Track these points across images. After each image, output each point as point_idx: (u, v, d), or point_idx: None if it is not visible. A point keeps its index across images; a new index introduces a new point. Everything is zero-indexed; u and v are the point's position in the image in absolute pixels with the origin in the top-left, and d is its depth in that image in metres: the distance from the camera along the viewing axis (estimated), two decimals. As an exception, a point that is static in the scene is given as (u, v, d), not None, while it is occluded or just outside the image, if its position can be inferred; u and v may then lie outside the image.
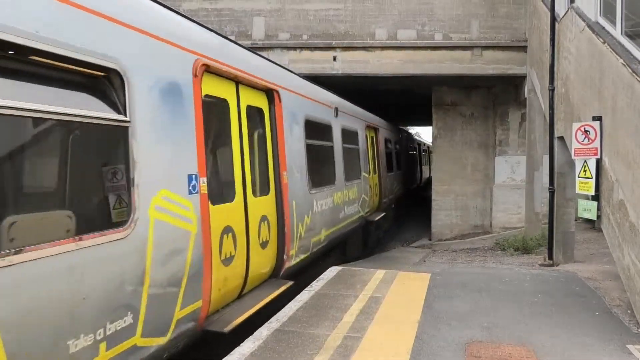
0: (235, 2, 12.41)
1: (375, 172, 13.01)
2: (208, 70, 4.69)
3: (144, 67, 3.76)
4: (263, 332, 4.74)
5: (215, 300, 4.60)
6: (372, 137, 13.02)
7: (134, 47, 3.68)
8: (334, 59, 12.30)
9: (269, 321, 5.05)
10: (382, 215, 13.11)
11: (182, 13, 4.68)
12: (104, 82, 3.44)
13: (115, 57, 3.42)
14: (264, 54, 6.90)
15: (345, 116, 10.12)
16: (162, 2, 4.30)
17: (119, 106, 3.49)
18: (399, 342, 4.53)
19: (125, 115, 3.50)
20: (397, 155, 18.03)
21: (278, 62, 7.21)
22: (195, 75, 4.41)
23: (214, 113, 4.95)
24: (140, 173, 3.59)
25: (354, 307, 5.54)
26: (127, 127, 3.52)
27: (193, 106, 4.34)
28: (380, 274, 7.13)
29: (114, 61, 3.42)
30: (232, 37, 9.70)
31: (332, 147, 9.00)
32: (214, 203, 4.62)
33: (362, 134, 11.60)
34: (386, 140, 15.40)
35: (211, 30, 5.15)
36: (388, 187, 14.97)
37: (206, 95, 4.69)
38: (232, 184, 5.18)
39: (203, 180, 4.38)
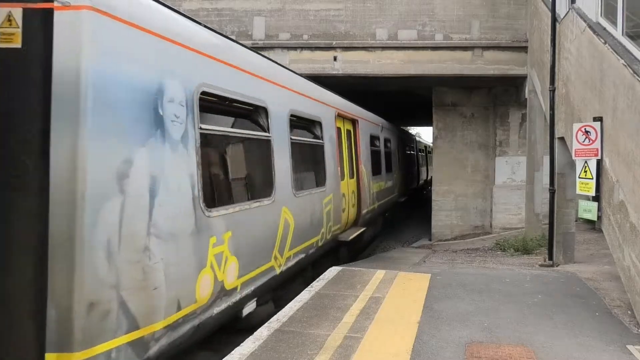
0: (235, 2, 12.41)
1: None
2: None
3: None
4: (263, 332, 4.73)
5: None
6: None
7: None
8: (335, 59, 12.30)
9: (269, 321, 5.05)
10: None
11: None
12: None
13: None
14: (264, 53, 6.82)
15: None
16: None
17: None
18: (399, 342, 4.53)
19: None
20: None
21: (279, 62, 7.16)
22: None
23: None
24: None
25: (355, 307, 5.54)
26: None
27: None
28: (380, 274, 7.13)
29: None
30: (233, 37, 9.68)
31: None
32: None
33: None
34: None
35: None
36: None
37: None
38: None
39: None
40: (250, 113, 5.72)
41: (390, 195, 15.20)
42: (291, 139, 6.64)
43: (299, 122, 7.31)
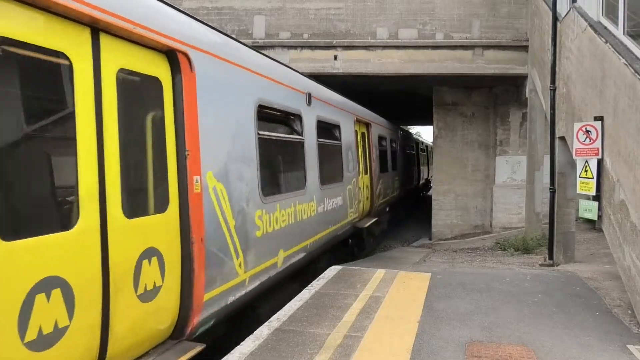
0: (235, 1, 12.40)
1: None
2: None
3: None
4: (264, 331, 4.73)
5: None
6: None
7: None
8: (335, 58, 12.29)
9: (269, 320, 5.04)
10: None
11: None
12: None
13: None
14: (264, 52, 6.84)
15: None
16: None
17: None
18: (399, 341, 4.53)
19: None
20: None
21: (279, 61, 7.21)
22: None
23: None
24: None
25: (355, 306, 5.53)
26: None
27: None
28: (380, 273, 7.12)
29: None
30: (233, 36, 9.65)
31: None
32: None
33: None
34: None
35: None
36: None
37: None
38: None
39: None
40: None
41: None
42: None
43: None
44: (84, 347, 3.11)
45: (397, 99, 18.59)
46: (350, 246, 10.74)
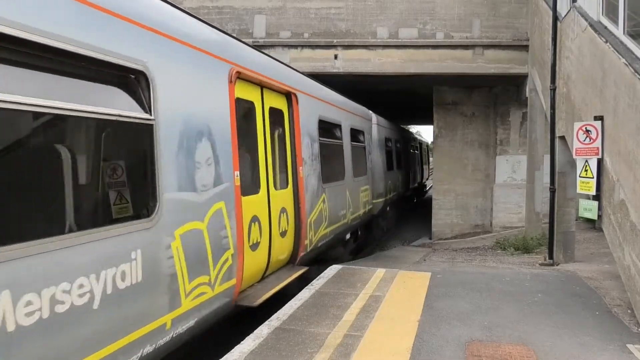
0: (236, 0, 12.40)
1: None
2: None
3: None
4: (264, 330, 4.74)
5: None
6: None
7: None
8: (335, 57, 12.29)
9: (269, 319, 5.05)
10: None
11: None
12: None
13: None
14: (265, 51, 6.79)
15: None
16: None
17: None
18: (400, 340, 4.54)
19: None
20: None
21: (280, 61, 7.20)
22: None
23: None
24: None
25: (355, 305, 5.54)
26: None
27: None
28: (380, 272, 7.13)
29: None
30: (234, 35, 9.63)
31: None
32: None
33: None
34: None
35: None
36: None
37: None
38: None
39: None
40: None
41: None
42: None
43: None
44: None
45: (397, 99, 18.58)
46: None
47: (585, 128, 6.67)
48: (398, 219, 18.97)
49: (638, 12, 6.13)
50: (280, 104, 6.53)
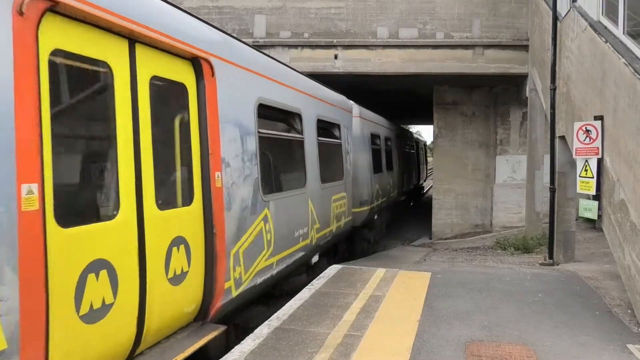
0: (236, 0, 12.40)
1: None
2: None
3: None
4: (264, 330, 4.74)
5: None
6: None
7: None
8: (335, 57, 12.29)
9: (269, 319, 5.05)
10: None
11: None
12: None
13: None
14: (265, 51, 6.60)
15: None
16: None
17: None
18: (400, 340, 4.54)
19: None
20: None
21: (280, 60, 6.98)
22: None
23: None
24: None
25: (355, 305, 5.55)
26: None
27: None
28: (380, 272, 7.13)
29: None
30: (234, 35, 9.64)
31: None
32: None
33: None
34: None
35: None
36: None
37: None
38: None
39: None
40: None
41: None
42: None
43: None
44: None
45: (397, 99, 18.59)
46: None
47: (585, 128, 6.67)
48: (392, 224, 16.89)
49: (638, 12, 6.13)
50: (180, 74, 4.26)
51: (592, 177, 6.65)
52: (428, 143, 42.37)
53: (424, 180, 31.35)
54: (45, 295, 2.76)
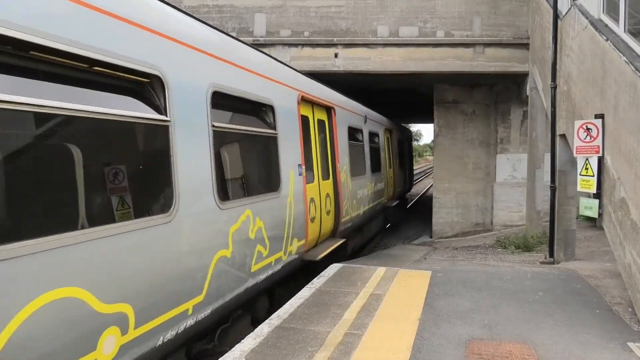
0: (236, -1, 12.39)
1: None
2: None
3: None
4: (264, 328, 4.74)
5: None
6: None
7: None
8: (336, 56, 12.27)
9: (269, 318, 5.06)
10: None
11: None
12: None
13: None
14: (265, 50, 6.81)
15: None
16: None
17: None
18: (400, 339, 4.54)
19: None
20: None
21: (280, 60, 7.19)
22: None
23: None
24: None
25: (355, 304, 5.55)
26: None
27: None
28: (381, 271, 7.13)
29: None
30: (234, 34, 9.68)
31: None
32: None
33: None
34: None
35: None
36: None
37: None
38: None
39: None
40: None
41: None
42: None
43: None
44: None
45: (397, 97, 18.58)
46: None
47: (586, 126, 6.66)
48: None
49: (639, 10, 6.12)
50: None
51: (593, 176, 6.65)
52: (428, 141, 41.23)
53: (411, 186, 26.40)
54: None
